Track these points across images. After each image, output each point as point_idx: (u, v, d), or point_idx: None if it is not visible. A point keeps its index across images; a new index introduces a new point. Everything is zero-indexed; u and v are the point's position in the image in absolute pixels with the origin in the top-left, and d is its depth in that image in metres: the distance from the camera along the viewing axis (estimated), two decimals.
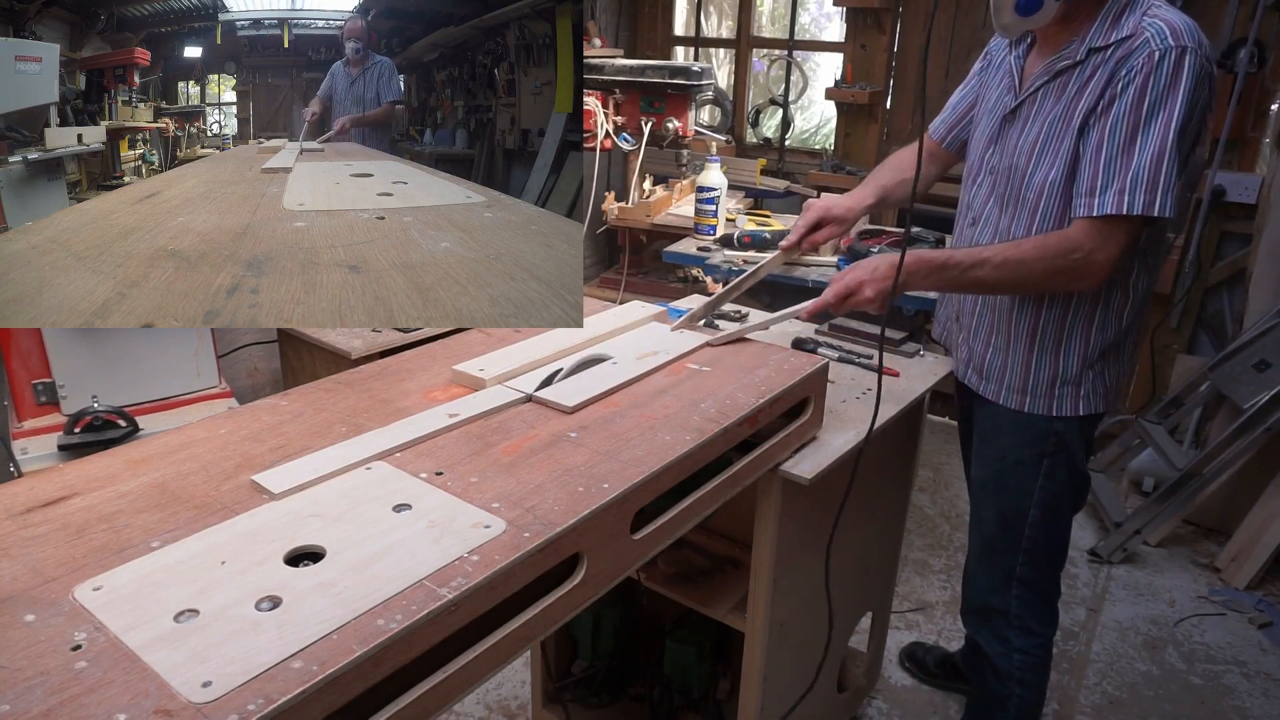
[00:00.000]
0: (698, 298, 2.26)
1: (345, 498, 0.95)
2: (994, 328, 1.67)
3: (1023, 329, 1.62)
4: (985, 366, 1.69)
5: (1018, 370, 1.64)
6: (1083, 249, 1.40)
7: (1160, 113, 1.34)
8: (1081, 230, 1.41)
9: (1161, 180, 1.35)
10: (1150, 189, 1.35)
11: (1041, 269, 1.44)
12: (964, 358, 1.76)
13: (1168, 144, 1.34)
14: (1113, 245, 1.40)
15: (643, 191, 3.66)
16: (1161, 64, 1.33)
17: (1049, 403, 1.63)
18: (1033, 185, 1.52)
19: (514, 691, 2.24)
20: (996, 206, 1.62)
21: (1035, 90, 1.52)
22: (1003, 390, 1.67)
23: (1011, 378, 1.65)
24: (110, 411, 2.06)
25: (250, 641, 0.71)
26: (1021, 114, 1.55)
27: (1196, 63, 1.33)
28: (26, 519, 0.89)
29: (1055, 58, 1.48)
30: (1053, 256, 1.43)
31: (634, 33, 5.06)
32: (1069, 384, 1.61)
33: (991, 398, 1.69)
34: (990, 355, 1.68)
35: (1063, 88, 1.47)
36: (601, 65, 3.19)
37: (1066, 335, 1.59)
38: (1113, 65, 1.39)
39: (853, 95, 4.20)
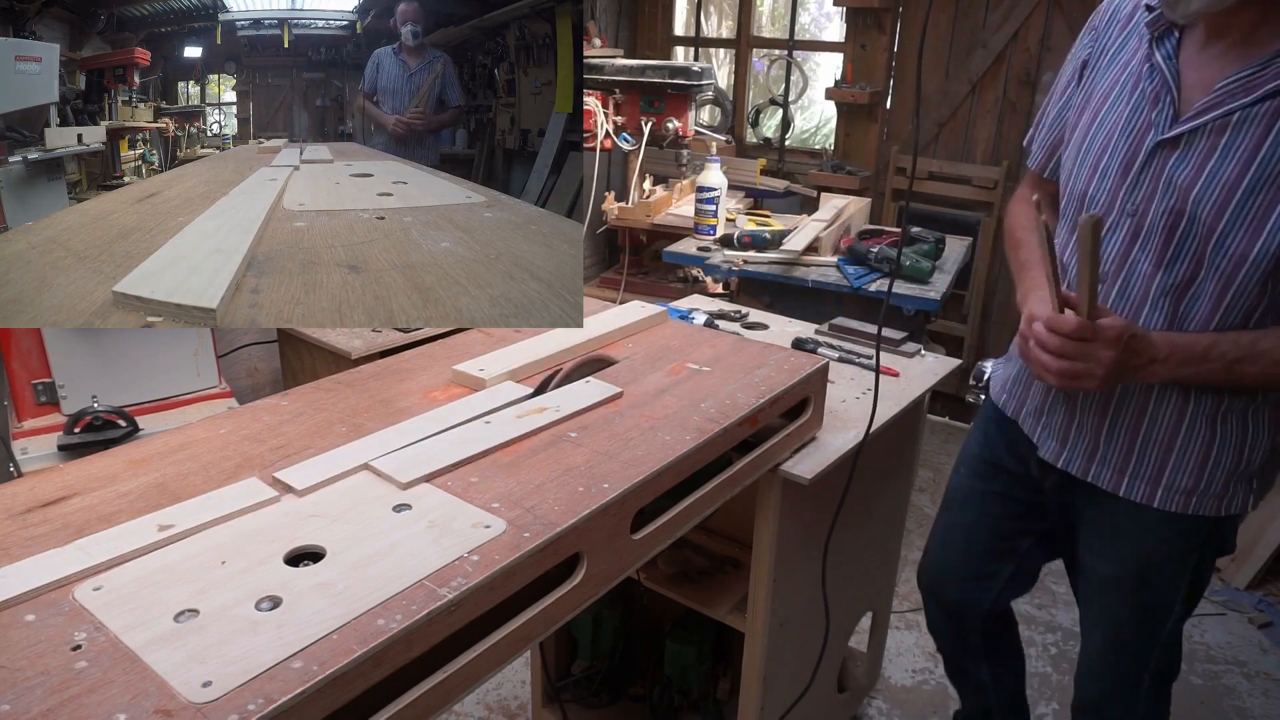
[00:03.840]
0: (698, 298, 2.26)
1: (345, 498, 0.95)
2: (1154, 410, 1.29)
3: (1201, 412, 1.25)
4: (1130, 461, 1.32)
5: (1190, 466, 1.28)
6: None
7: None
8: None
9: None
10: None
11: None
12: (1081, 445, 1.37)
13: None
14: None
15: (643, 191, 3.66)
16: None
17: (1219, 502, 1.30)
18: (1228, 251, 1.13)
19: (514, 691, 2.24)
20: (1152, 265, 1.21)
21: (1221, 114, 1.09)
22: (1159, 490, 1.31)
23: (1177, 475, 1.29)
24: (110, 411, 2.06)
25: (250, 641, 0.71)
26: (1194, 145, 1.13)
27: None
28: (26, 519, 0.89)
29: (1256, 70, 1.07)
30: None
31: (634, 33, 5.06)
32: (1249, 478, 1.29)
33: (1142, 500, 1.33)
34: (1142, 446, 1.31)
35: (1276, 115, 1.06)
36: (601, 65, 3.19)
37: (1254, 416, 1.26)
38: None
39: (853, 95, 4.20)
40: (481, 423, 1.13)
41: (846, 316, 2.03)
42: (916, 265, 2.55)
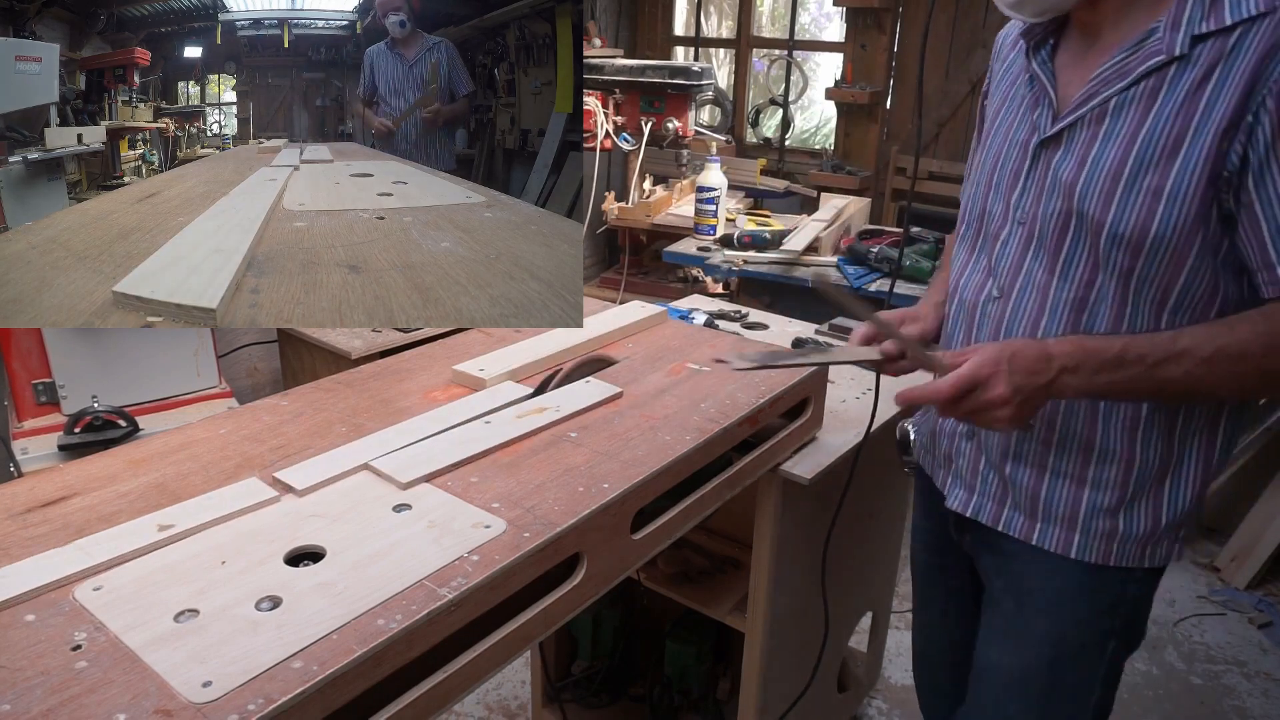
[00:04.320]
0: (698, 298, 2.26)
1: (345, 498, 0.95)
2: (1064, 444, 1.12)
3: (1116, 445, 1.09)
4: (1042, 502, 1.15)
5: (1103, 506, 1.11)
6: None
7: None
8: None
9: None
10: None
11: (1270, 366, 0.95)
12: (989, 489, 1.20)
13: None
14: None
15: (643, 191, 3.66)
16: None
17: (1138, 551, 1.12)
18: (1120, 242, 1.01)
19: (514, 691, 2.24)
20: (1046, 273, 1.09)
21: (1098, 104, 1.02)
22: (1077, 537, 1.13)
23: (1093, 518, 1.12)
24: (110, 411, 2.06)
25: (250, 641, 0.71)
26: (1074, 139, 1.05)
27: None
28: (26, 519, 0.89)
29: (1125, 55, 1.00)
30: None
31: (634, 33, 5.06)
32: (1173, 525, 1.12)
33: (1055, 548, 1.14)
34: (1053, 484, 1.14)
35: (1152, 96, 0.98)
36: (601, 65, 3.19)
37: (1180, 454, 1.10)
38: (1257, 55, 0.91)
39: (853, 95, 4.21)
40: (481, 423, 1.13)
41: (846, 316, 2.03)
42: (916, 265, 2.55)
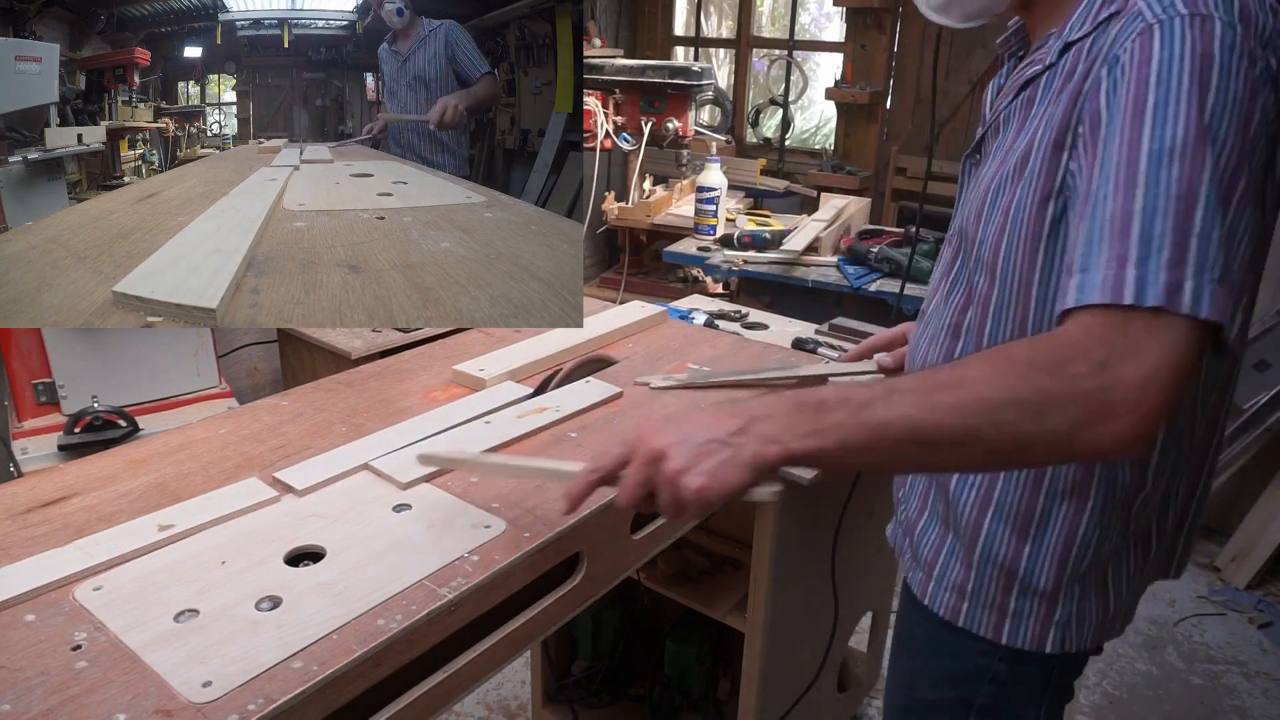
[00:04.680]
0: (698, 298, 2.26)
1: (345, 498, 0.95)
2: (932, 481, 1.03)
3: (972, 490, 0.95)
4: (914, 538, 1.05)
5: (957, 555, 0.98)
6: (1089, 356, 0.69)
7: (1173, 125, 0.72)
8: (1081, 327, 0.72)
9: (1194, 245, 0.70)
10: (1174, 260, 0.69)
11: (1008, 399, 0.71)
12: (900, 516, 1.12)
13: (1199, 182, 0.71)
14: (1149, 354, 0.69)
15: (643, 191, 3.66)
16: (1163, 43, 0.73)
17: (995, 619, 0.96)
18: (981, 262, 0.91)
19: (514, 691, 2.24)
20: (940, 297, 1.00)
21: (999, 116, 0.95)
22: (931, 583, 1.01)
23: (949, 565, 0.99)
24: (110, 411, 2.06)
25: (250, 641, 0.71)
26: (984, 153, 0.98)
27: (1230, 39, 0.72)
28: (26, 519, 0.89)
29: (1025, 63, 0.92)
30: (1030, 374, 0.71)
31: (634, 33, 5.06)
32: (1036, 596, 0.94)
33: (915, 590, 1.04)
34: (928, 521, 1.03)
35: (1027, 107, 0.89)
36: (601, 65, 3.19)
37: (1041, 513, 0.92)
38: (1090, 60, 0.80)
39: (853, 95, 4.21)
40: (481, 423, 1.12)
41: (846, 316, 2.03)
42: (916, 265, 2.55)
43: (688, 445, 0.78)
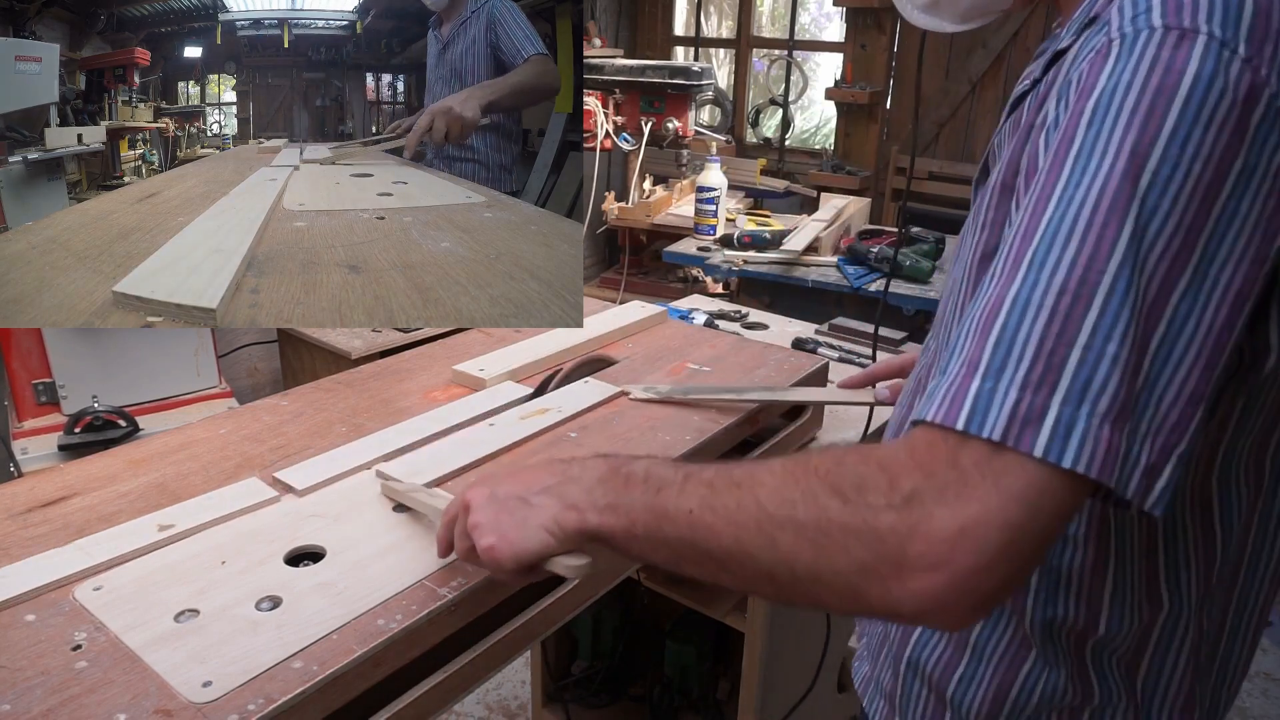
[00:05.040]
0: (698, 298, 2.26)
1: (345, 498, 0.95)
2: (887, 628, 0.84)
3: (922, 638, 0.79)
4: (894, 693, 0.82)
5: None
6: (896, 485, 0.52)
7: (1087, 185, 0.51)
8: (907, 446, 0.54)
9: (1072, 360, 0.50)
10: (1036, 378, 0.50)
11: (787, 516, 0.56)
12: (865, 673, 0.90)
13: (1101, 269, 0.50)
14: (973, 499, 0.49)
15: (643, 191, 3.66)
16: (1115, 68, 0.53)
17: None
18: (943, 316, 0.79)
19: (514, 691, 2.24)
20: (927, 345, 0.85)
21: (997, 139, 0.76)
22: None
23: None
24: (110, 411, 2.06)
25: (250, 641, 0.71)
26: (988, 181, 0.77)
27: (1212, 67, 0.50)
28: (26, 519, 0.89)
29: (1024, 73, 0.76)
30: (820, 491, 0.55)
31: (634, 33, 5.07)
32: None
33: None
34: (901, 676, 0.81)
35: (1015, 131, 0.70)
36: (601, 65, 3.19)
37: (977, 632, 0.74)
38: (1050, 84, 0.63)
39: (853, 95, 4.21)
40: (485, 425, 1.12)
41: (846, 316, 2.03)
42: (916, 265, 2.55)
43: (493, 500, 0.71)
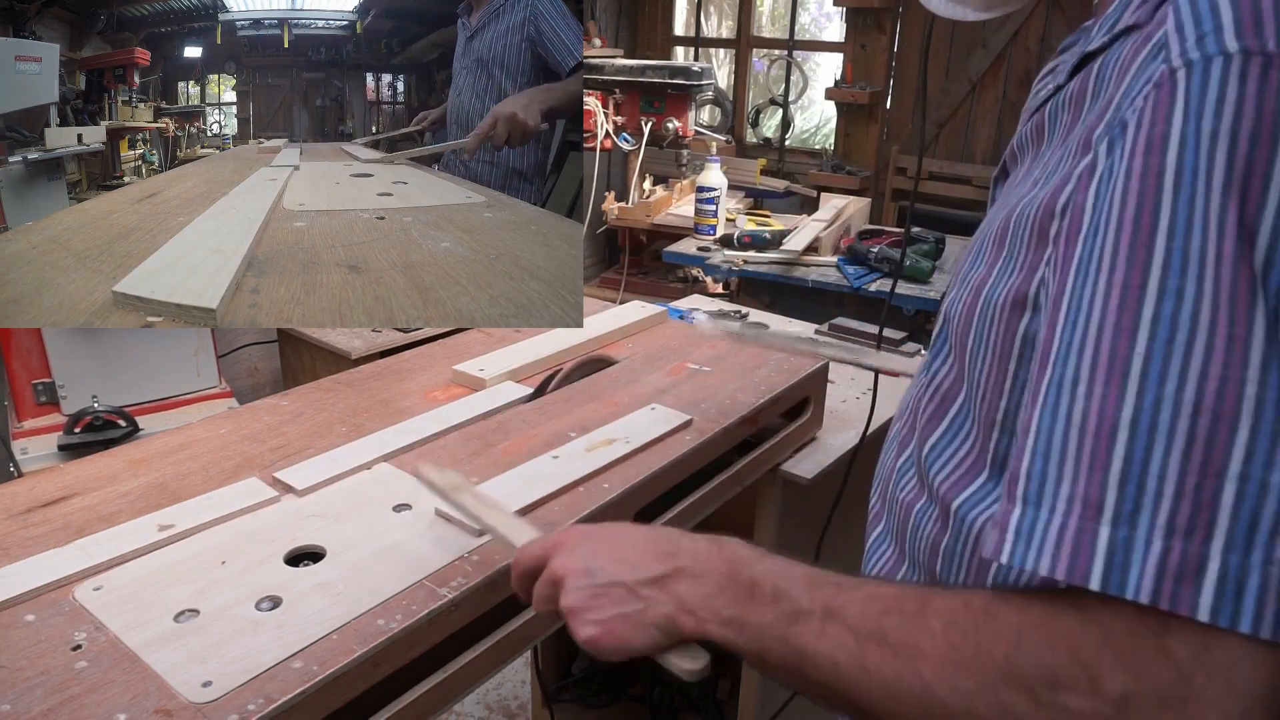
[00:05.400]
0: (698, 298, 2.26)
1: (345, 497, 0.95)
2: None
3: None
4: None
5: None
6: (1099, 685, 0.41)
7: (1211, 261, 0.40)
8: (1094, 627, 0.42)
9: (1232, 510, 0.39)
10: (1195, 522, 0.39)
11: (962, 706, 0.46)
12: None
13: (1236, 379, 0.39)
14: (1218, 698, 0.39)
15: (643, 191, 3.66)
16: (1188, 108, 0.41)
17: None
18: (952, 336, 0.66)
19: (514, 691, 2.24)
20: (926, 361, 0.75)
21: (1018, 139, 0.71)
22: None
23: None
24: (110, 411, 2.06)
25: (250, 641, 0.71)
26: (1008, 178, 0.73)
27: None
28: (26, 519, 0.89)
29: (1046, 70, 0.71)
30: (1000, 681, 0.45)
31: (634, 33, 5.07)
32: None
33: None
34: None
35: (1038, 140, 0.65)
36: (601, 65, 3.19)
37: None
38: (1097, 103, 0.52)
39: (853, 95, 4.21)
40: (549, 458, 1.03)
41: (846, 316, 2.03)
42: (917, 265, 2.55)
43: (591, 581, 0.63)
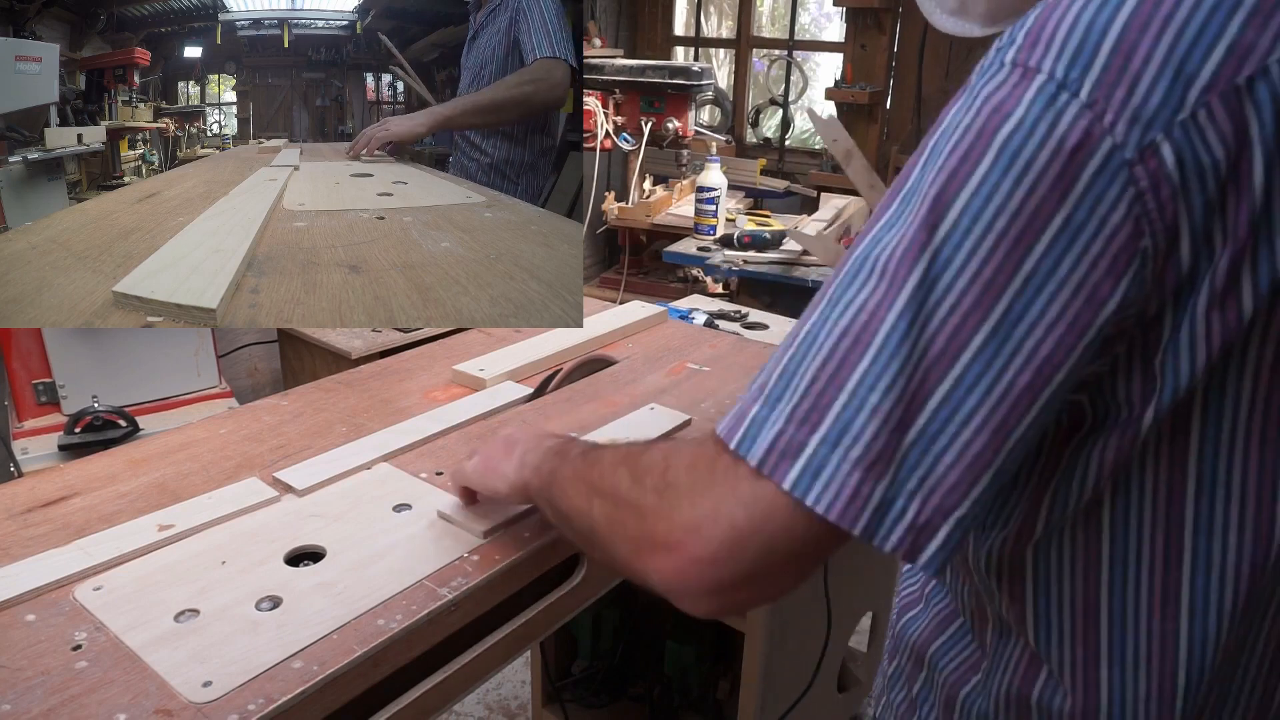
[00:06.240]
0: (698, 297, 2.26)
1: (345, 497, 0.95)
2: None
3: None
4: None
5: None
6: (665, 474, 0.57)
7: (907, 224, 0.50)
8: (692, 447, 0.58)
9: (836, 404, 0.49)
10: (800, 413, 0.51)
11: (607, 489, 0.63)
12: None
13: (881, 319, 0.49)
14: (712, 498, 0.53)
15: (643, 191, 3.66)
16: (961, 101, 0.51)
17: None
18: None
19: (514, 691, 2.24)
20: None
21: None
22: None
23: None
24: (110, 411, 2.06)
25: (250, 641, 0.71)
26: None
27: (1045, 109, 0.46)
28: (26, 519, 0.89)
29: None
30: (625, 472, 0.61)
31: (634, 33, 5.07)
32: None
33: None
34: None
35: None
36: (601, 65, 3.19)
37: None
38: None
39: (853, 95, 4.21)
40: None
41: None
42: None
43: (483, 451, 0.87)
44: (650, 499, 0.57)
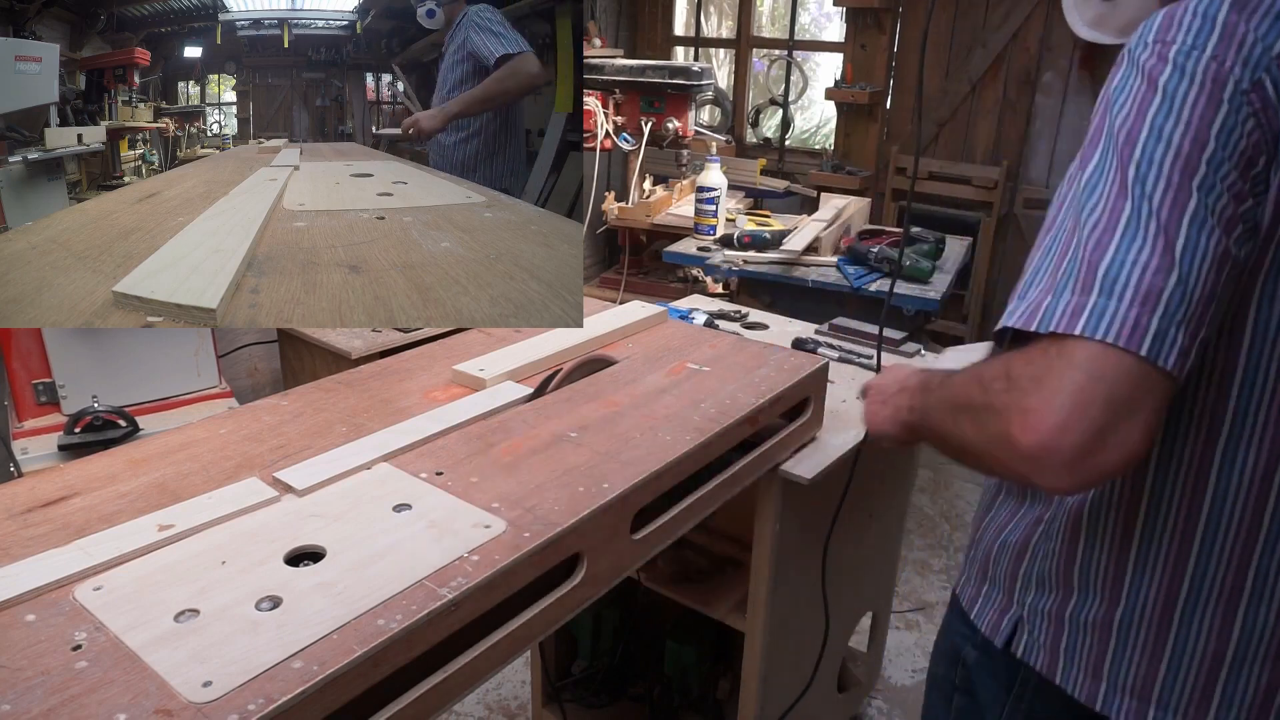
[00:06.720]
0: (698, 297, 2.26)
1: (345, 498, 0.95)
2: None
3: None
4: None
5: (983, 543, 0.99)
6: (1010, 374, 0.72)
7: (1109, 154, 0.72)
8: (1019, 352, 0.73)
9: (1102, 270, 0.68)
10: (1082, 284, 0.69)
11: (964, 404, 0.79)
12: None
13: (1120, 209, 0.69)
14: (1054, 390, 0.67)
15: (643, 191, 3.66)
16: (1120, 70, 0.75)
17: (971, 596, 0.99)
18: None
19: (514, 691, 2.24)
20: None
21: None
22: (964, 565, 1.05)
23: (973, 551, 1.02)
24: (110, 411, 2.06)
25: (250, 641, 0.71)
26: None
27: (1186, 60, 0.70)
28: (27, 519, 0.89)
29: None
30: (975, 384, 0.77)
31: (634, 33, 5.07)
32: (994, 581, 0.96)
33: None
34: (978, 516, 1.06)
35: None
36: (601, 65, 3.19)
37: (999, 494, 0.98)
38: None
39: (853, 95, 4.21)
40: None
41: (846, 316, 2.03)
42: (916, 265, 2.55)
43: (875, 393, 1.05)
44: (1001, 398, 0.71)
